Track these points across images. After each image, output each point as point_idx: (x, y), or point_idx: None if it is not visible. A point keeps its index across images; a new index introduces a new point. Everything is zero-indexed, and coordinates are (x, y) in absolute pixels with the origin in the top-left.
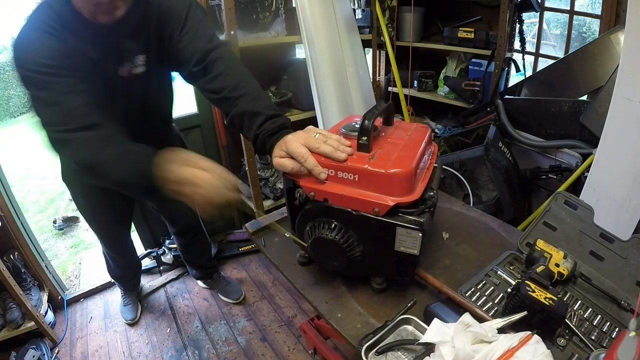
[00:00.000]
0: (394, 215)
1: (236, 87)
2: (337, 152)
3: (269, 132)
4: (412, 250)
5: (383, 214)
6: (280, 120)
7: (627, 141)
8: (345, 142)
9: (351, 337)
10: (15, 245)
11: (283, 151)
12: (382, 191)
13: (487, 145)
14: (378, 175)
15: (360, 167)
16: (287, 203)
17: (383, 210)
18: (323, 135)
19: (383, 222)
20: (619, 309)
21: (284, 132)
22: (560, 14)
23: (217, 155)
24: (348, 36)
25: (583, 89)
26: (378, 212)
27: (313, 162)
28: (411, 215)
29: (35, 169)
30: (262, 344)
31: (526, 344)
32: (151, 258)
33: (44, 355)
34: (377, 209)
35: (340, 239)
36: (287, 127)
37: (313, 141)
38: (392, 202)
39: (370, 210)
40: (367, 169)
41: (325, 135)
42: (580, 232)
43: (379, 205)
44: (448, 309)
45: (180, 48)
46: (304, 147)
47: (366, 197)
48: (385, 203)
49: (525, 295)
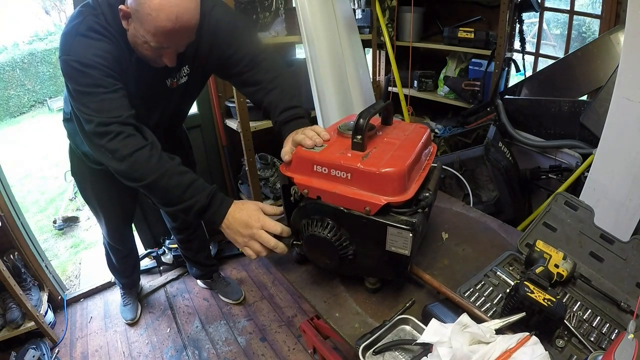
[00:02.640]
0: (385, 215)
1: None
2: (306, 139)
3: (284, 120)
4: (403, 251)
5: (374, 213)
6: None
7: (627, 141)
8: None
9: (349, 336)
10: (15, 245)
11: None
12: (374, 190)
13: (487, 145)
14: (370, 174)
15: (352, 166)
16: (283, 200)
17: (374, 209)
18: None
19: (374, 221)
20: (619, 310)
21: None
22: (560, 14)
23: (217, 155)
24: (348, 36)
25: (583, 89)
26: (369, 211)
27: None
28: (403, 215)
29: (35, 169)
30: (262, 344)
31: (524, 345)
32: (151, 258)
33: (44, 355)
34: (368, 207)
35: (332, 237)
36: (300, 116)
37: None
38: (383, 201)
39: (362, 209)
40: (359, 167)
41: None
42: (580, 233)
43: (370, 204)
44: (446, 309)
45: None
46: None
47: (358, 195)
48: (377, 202)
49: (523, 296)
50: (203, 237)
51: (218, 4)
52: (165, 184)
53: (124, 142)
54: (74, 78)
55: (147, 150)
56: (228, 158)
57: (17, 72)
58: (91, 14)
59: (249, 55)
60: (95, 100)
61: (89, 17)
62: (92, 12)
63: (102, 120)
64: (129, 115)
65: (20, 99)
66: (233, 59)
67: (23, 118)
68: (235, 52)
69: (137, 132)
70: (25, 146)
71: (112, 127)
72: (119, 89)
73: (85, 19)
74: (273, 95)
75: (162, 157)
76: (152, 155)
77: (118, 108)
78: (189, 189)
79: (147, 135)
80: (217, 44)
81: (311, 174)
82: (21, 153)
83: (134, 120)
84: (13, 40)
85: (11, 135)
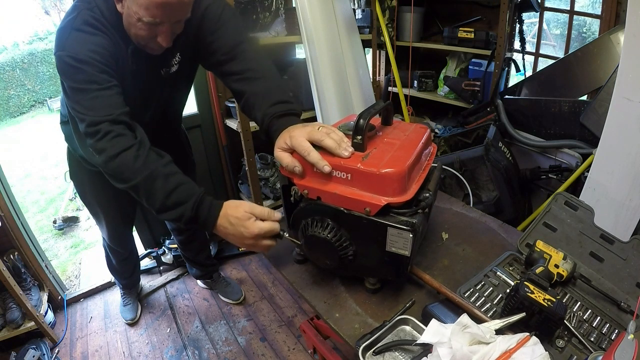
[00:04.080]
0: (385, 216)
1: (257, 70)
2: (340, 149)
3: (277, 114)
4: (403, 251)
5: (374, 213)
6: (289, 106)
7: (627, 141)
8: (346, 140)
9: (349, 337)
10: (15, 245)
11: (286, 144)
12: (374, 191)
13: (487, 145)
14: (370, 175)
15: (352, 166)
16: (283, 200)
17: (374, 209)
18: (327, 129)
19: (374, 221)
20: (619, 310)
21: (291, 118)
22: (560, 14)
23: (217, 155)
24: (348, 36)
25: (583, 89)
26: (369, 211)
27: (316, 156)
28: (403, 216)
29: (35, 169)
30: (262, 344)
31: (524, 345)
32: (151, 258)
33: (44, 355)
34: (368, 208)
35: (332, 238)
36: (294, 113)
37: (317, 134)
38: (383, 202)
39: (362, 210)
40: (360, 168)
41: (328, 128)
42: (580, 233)
43: (371, 204)
44: (446, 310)
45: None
46: (307, 141)
47: (358, 196)
48: (377, 203)
49: (523, 296)
50: (203, 239)
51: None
52: (150, 187)
53: (112, 142)
54: (68, 74)
55: (134, 150)
56: (228, 158)
57: (17, 72)
58: (86, 8)
59: (229, 44)
60: (88, 98)
61: (83, 12)
62: (86, 7)
63: (92, 120)
64: (122, 112)
65: (20, 99)
66: (213, 46)
67: (23, 118)
68: (216, 39)
69: (128, 130)
70: (25, 146)
71: (102, 126)
72: (113, 85)
73: (80, 13)
74: (258, 86)
75: (150, 156)
76: (139, 156)
77: (110, 106)
78: (173, 195)
79: (138, 134)
80: (202, 29)
81: (311, 175)
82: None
83: (127, 117)
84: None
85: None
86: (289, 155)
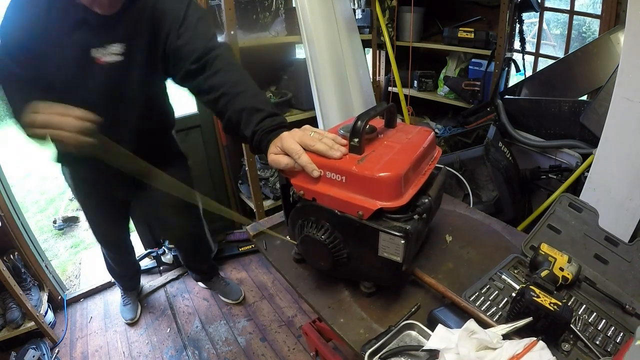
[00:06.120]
0: (378, 220)
1: (236, 84)
2: (332, 150)
3: (267, 129)
4: (395, 257)
5: (367, 217)
6: (279, 119)
7: (627, 141)
8: (341, 141)
9: (354, 342)
10: (15, 245)
11: (278, 147)
12: (368, 194)
13: (487, 145)
14: (364, 178)
15: (347, 169)
16: (282, 200)
17: (367, 213)
18: (319, 134)
19: (366, 226)
20: (624, 313)
21: (281, 131)
22: (560, 14)
23: (217, 155)
24: (348, 36)
25: (583, 89)
26: (362, 215)
27: (306, 159)
28: (397, 222)
29: (35, 169)
30: (262, 344)
31: (531, 350)
32: (151, 258)
33: (44, 355)
34: (361, 212)
35: (326, 240)
36: (285, 126)
37: (308, 139)
38: (376, 206)
39: (355, 213)
40: (354, 170)
41: (320, 134)
42: (584, 235)
43: (364, 208)
44: (452, 314)
45: (179, 45)
46: (298, 144)
47: (351, 199)
48: (370, 207)
49: (530, 300)
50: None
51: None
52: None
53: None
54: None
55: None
56: (228, 158)
57: None
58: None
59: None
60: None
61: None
62: None
63: None
64: None
65: None
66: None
67: None
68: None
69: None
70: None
71: None
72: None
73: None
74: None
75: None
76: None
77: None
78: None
79: None
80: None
81: (307, 175)
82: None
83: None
84: None
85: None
86: (284, 156)
